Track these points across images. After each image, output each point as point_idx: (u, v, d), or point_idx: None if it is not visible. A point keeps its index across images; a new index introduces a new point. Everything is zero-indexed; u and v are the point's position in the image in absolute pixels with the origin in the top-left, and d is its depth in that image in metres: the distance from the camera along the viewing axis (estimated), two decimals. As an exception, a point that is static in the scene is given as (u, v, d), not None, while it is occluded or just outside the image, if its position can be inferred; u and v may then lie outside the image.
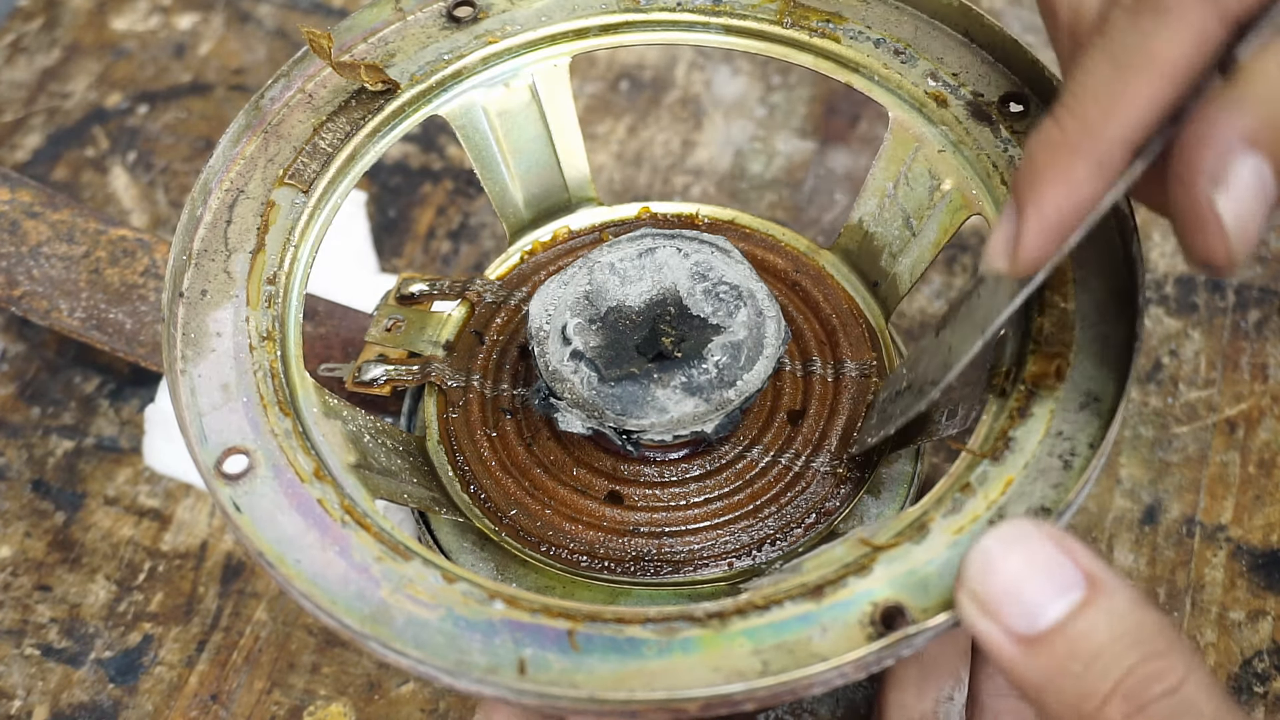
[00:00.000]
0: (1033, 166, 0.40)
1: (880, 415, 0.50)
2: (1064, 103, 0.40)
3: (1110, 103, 0.39)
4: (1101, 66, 0.39)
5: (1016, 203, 0.40)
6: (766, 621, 0.40)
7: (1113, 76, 0.39)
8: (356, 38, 0.55)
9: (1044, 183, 0.40)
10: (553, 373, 0.49)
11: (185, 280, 0.48)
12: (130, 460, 0.68)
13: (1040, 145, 0.40)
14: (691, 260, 0.51)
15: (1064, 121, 0.39)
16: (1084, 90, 0.39)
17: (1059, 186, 0.39)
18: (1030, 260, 0.40)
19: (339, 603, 0.40)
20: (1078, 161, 0.39)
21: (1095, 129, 0.39)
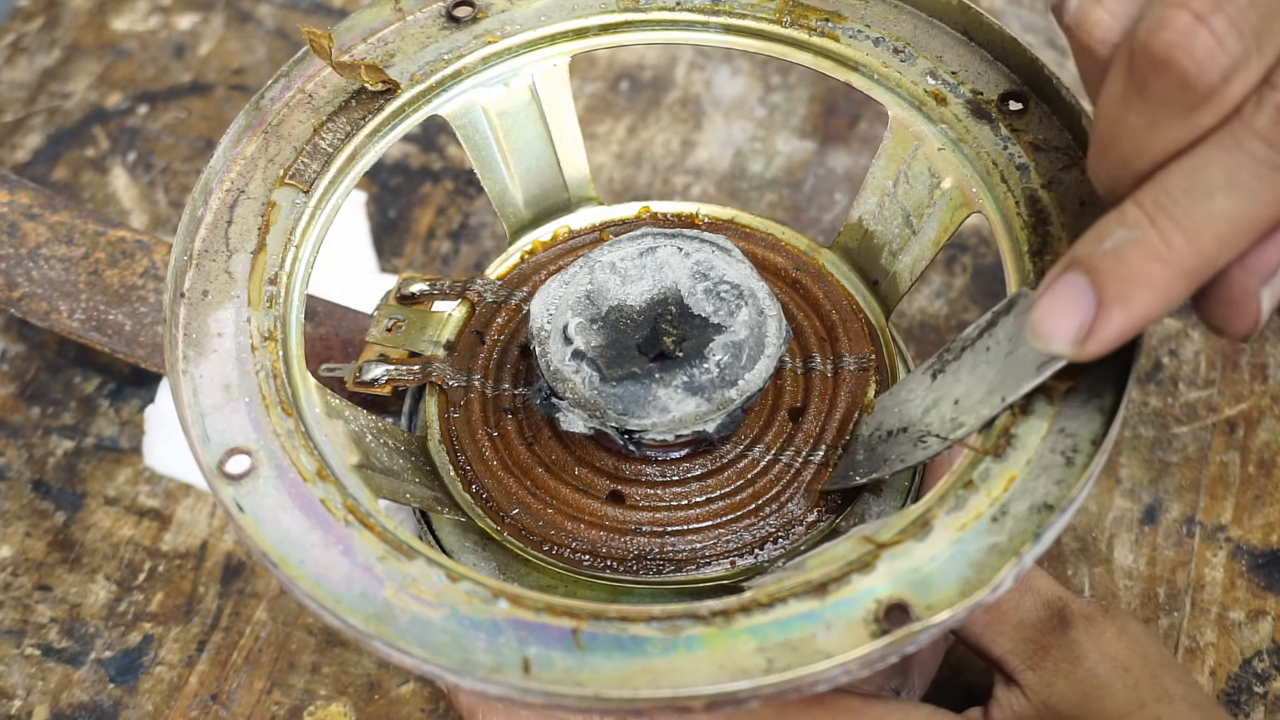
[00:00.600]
0: (1127, 269, 0.39)
1: (869, 455, 0.49)
2: (1167, 209, 0.38)
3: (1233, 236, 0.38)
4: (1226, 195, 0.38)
5: (1099, 295, 0.39)
6: (771, 619, 0.40)
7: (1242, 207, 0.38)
8: (356, 38, 0.55)
9: (1139, 288, 0.39)
10: (554, 372, 0.49)
11: (186, 281, 0.48)
12: (130, 460, 0.68)
13: (1139, 253, 0.38)
14: (692, 259, 0.51)
15: (1170, 237, 0.38)
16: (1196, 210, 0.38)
17: (1155, 295, 0.39)
18: (1098, 353, 0.40)
19: (343, 602, 0.40)
20: (1179, 281, 0.38)
21: (1209, 257, 0.38)
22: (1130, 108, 0.39)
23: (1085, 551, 0.64)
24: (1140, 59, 0.38)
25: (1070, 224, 0.48)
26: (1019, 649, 0.50)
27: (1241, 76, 0.37)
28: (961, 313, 0.72)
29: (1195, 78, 0.37)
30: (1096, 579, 0.63)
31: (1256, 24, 0.36)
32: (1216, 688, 0.60)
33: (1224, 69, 0.37)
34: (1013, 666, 0.50)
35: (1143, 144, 0.39)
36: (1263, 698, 0.59)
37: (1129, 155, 0.40)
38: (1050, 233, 0.48)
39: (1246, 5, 0.36)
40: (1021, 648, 0.50)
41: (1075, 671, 0.48)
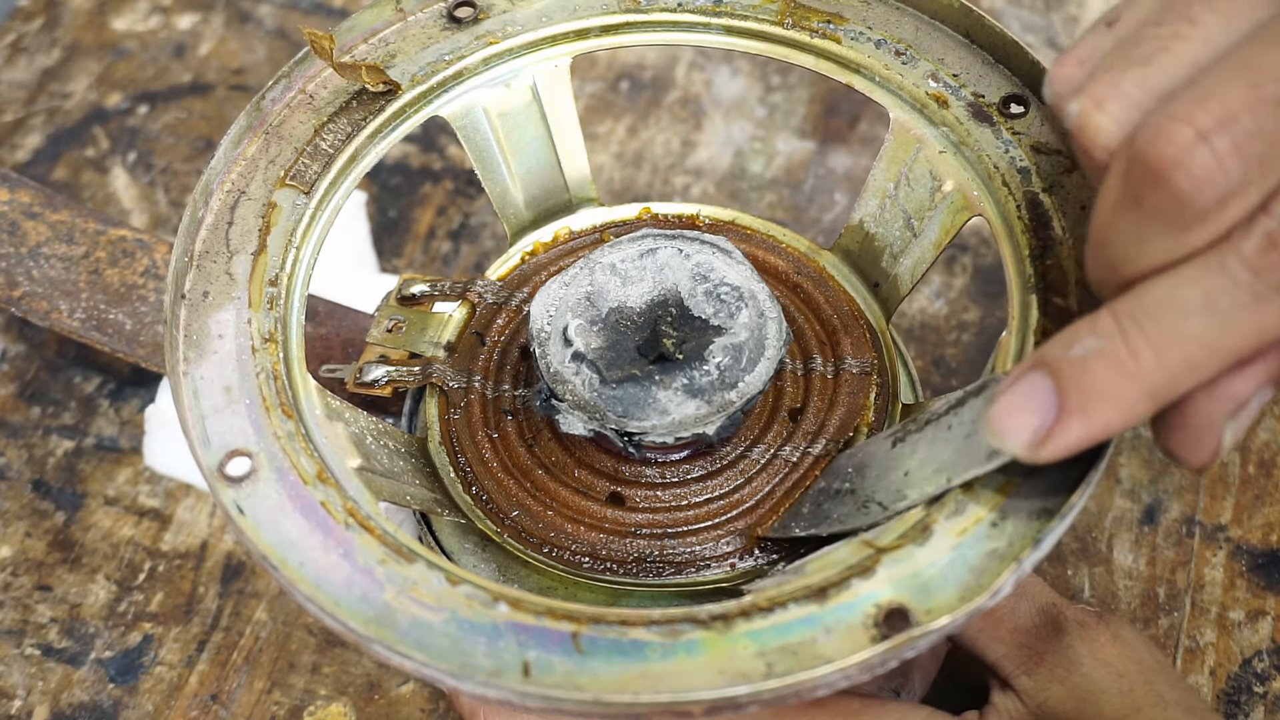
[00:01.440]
0: (1092, 380, 0.37)
1: (814, 509, 0.49)
2: (1140, 323, 0.37)
3: (1202, 362, 0.37)
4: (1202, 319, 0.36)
5: (1060, 401, 0.38)
6: (770, 623, 0.40)
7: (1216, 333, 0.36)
8: (357, 38, 0.55)
9: (1101, 401, 0.37)
10: (554, 374, 0.49)
11: (187, 282, 0.48)
12: (130, 460, 0.68)
13: (1106, 364, 0.37)
14: (693, 261, 0.51)
15: (1139, 353, 0.37)
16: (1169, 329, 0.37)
17: (1116, 411, 0.37)
18: (1052, 459, 0.39)
19: (343, 605, 0.40)
20: (1142, 399, 0.37)
21: (1175, 379, 0.37)
22: (1123, 215, 0.37)
23: (1085, 551, 0.64)
24: (1136, 169, 0.36)
25: (1071, 228, 0.48)
26: (1014, 654, 0.50)
27: (1238, 202, 0.35)
28: (961, 313, 0.72)
29: (1190, 198, 0.35)
30: (1096, 579, 0.63)
31: (1261, 150, 0.35)
32: (1216, 688, 0.60)
33: (1221, 192, 0.35)
34: (1008, 671, 0.50)
35: (1131, 253, 0.37)
36: (1263, 698, 0.59)
37: (1117, 261, 0.38)
38: (1051, 236, 0.48)
39: (1254, 128, 0.35)
40: (1017, 653, 0.50)
41: (1070, 677, 0.49)
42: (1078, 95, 0.39)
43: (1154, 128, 0.36)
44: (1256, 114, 0.35)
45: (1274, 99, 0.35)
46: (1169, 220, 0.36)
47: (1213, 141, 0.35)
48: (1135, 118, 0.37)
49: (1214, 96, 0.35)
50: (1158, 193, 0.36)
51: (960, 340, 0.71)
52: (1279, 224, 0.35)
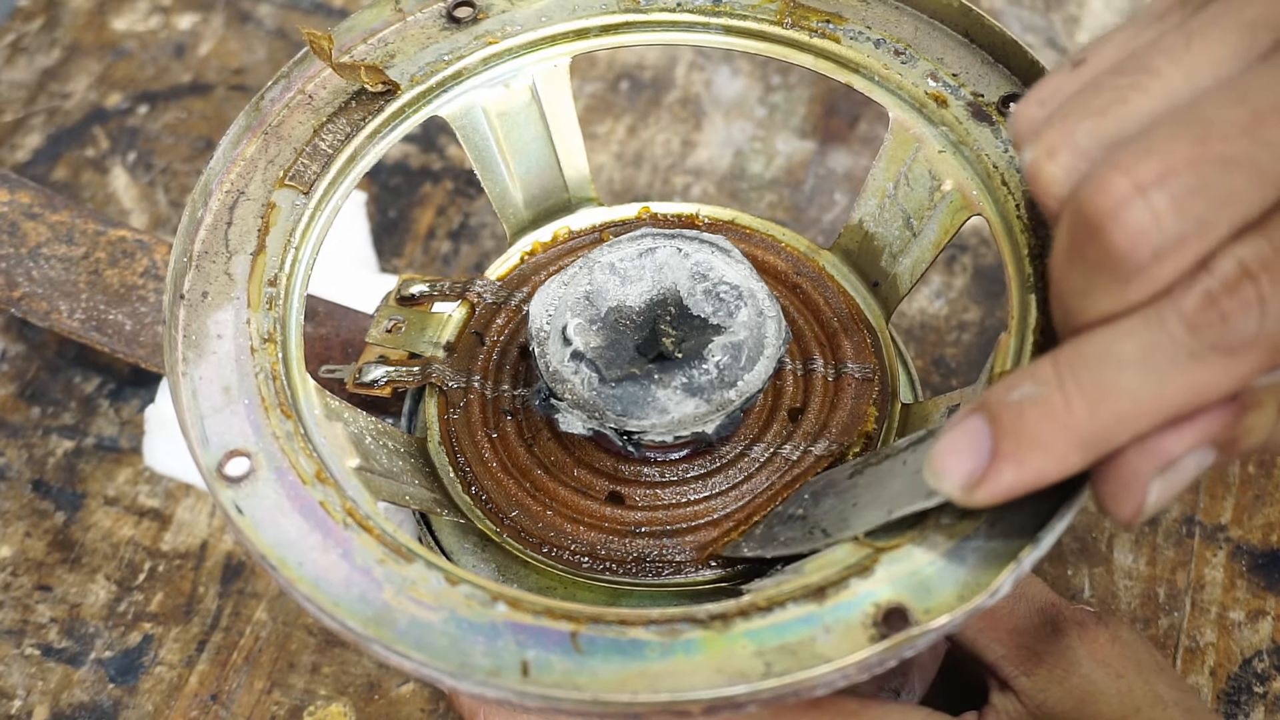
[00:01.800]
0: (1026, 427, 0.37)
1: (765, 531, 0.49)
2: (1077, 375, 0.36)
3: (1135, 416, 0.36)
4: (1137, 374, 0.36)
5: (995, 445, 0.38)
6: (769, 623, 0.40)
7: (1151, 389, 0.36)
8: (356, 38, 0.55)
9: (1033, 449, 0.37)
10: (553, 373, 0.49)
11: (186, 282, 0.48)
12: (130, 460, 0.68)
13: (1040, 413, 0.37)
14: (692, 260, 0.51)
15: (1073, 404, 0.36)
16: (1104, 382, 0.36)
17: (1048, 460, 0.37)
18: (987, 504, 0.38)
19: (342, 605, 0.40)
20: (1074, 450, 0.37)
21: (1107, 432, 0.36)
22: (1069, 266, 0.37)
23: (1085, 551, 0.64)
24: (1078, 221, 0.36)
25: None
26: (1013, 655, 0.50)
27: (1174, 259, 0.35)
28: (961, 313, 0.72)
29: (1125, 253, 0.35)
30: (1096, 579, 0.63)
31: (1200, 208, 0.34)
32: (1216, 688, 0.60)
33: (1156, 248, 0.34)
34: (1007, 672, 0.50)
35: (1076, 304, 0.37)
36: (1263, 698, 0.59)
37: (1065, 312, 0.38)
38: (1051, 235, 0.48)
39: (1195, 185, 0.34)
40: (1015, 654, 0.50)
41: (1069, 678, 0.48)
42: (1032, 141, 0.38)
43: (1094, 179, 0.35)
44: (1199, 171, 0.34)
45: (1218, 157, 0.34)
46: (1107, 273, 0.36)
47: (1150, 196, 0.34)
48: (1083, 168, 0.37)
49: (1157, 150, 0.35)
50: (1095, 246, 0.35)
51: (960, 340, 0.71)
52: (1219, 283, 0.34)
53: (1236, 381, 0.35)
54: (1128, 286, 0.35)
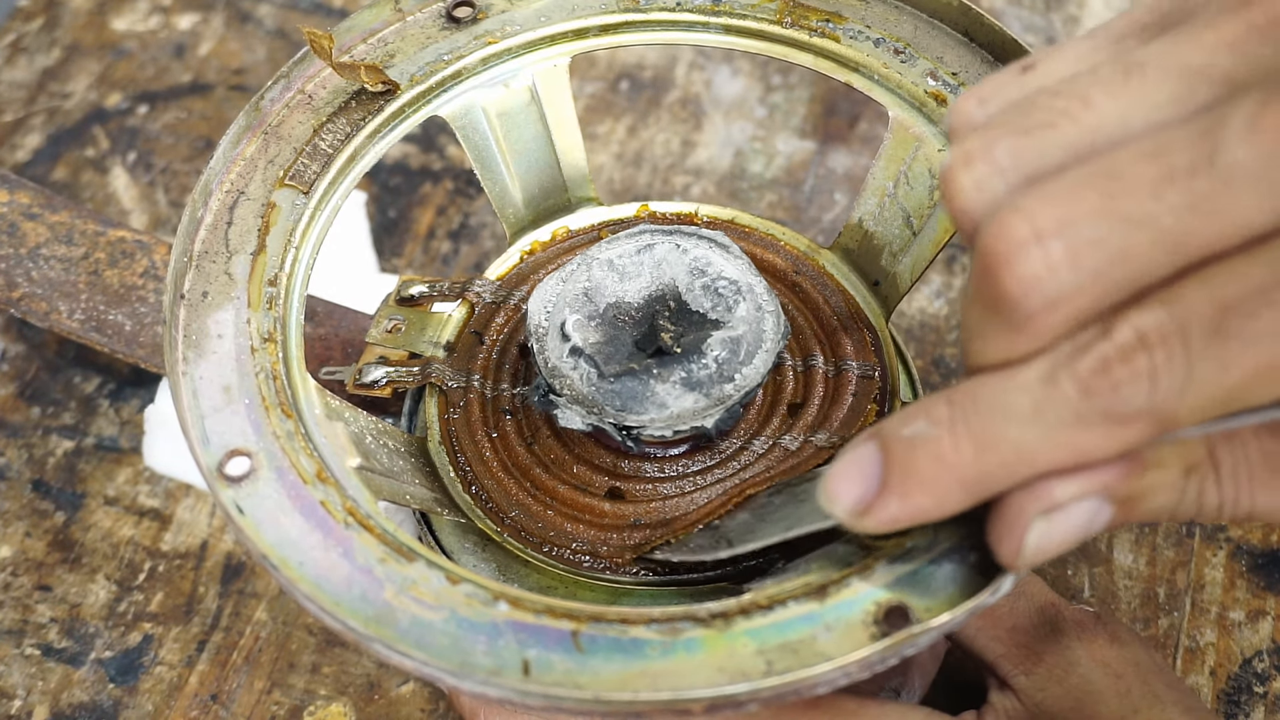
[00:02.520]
0: (913, 463, 0.37)
1: (684, 538, 0.49)
2: (968, 418, 0.36)
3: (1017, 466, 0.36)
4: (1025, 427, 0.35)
5: (884, 477, 0.38)
6: (770, 621, 0.40)
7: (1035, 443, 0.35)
8: (356, 38, 0.55)
9: (918, 486, 0.37)
10: (552, 369, 0.49)
11: (186, 282, 0.48)
12: (130, 460, 0.68)
13: (928, 451, 0.37)
14: (690, 256, 0.51)
15: (961, 446, 0.36)
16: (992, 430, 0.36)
17: (931, 498, 0.37)
18: (876, 531, 0.38)
19: (343, 605, 0.40)
20: (957, 490, 0.37)
21: (990, 478, 0.36)
22: (971, 304, 0.37)
23: (1085, 551, 0.64)
24: (978, 259, 0.35)
25: None
26: (1012, 654, 0.50)
27: (1064, 312, 0.34)
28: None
29: (1015, 299, 0.34)
30: (1096, 579, 0.63)
31: (1098, 263, 0.34)
32: (1216, 688, 0.60)
33: (1047, 298, 0.34)
34: (1006, 671, 0.50)
35: (975, 345, 0.37)
36: (1263, 698, 0.59)
37: (966, 350, 0.37)
38: None
39: (1095, 239, 0.34)
40: (1015, 653, 0.50)
41: (1068, 678, 0.49)
42: (955, 142, 0.37)
43: (997, 220, 0.35)
44: (1101, 225, 0.34)
45: (1124, 215, 0.34)
46: (1001, 317, 0.35)
47: (1047, 245, 0.34)
48: (996, 187, 0.36)
49: (1063, 198, 0.34)
50: (990, 287, 0.35)
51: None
52: (1115, 350, 0.34)
53: (1121, 448, 0.35)
54: (1018, 335, 0.35)
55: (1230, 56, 0.35)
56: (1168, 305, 0.34)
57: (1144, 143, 0.34)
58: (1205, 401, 0.34)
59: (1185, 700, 0.48)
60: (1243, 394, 0.33)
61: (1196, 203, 0.33)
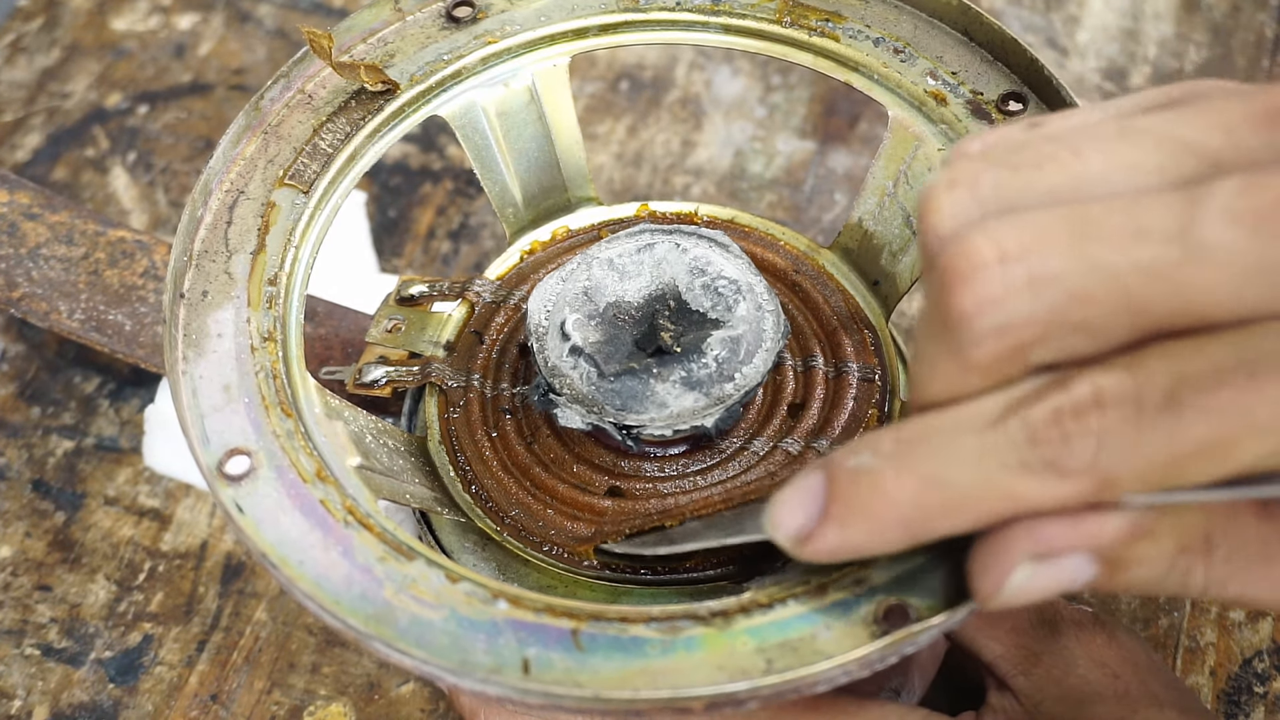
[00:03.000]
0: (855, 495, 0.37)
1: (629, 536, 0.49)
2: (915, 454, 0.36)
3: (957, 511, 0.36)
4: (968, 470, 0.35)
5: (826, 507, 0.37)
6: (770, 620, 0.40)
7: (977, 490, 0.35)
8: (356, 38, 0.55)
9: (858, 519, 0.37)
10: (552, 368, 0.49)
11: (186, 281, 0.48)
12: (130, 460, 0.68)
13: (871, 485, 0.36)
14: (690, 255, 0.51)
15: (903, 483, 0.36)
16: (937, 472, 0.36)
17: (869, 533, 0.37)
18: (815, 560, 0.38)
19: (342, 604, 0.40)
20: (896, 528, 0.37)
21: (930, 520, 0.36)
22: (923, 330, 0.37)
23: (1085, 551, 0.63)
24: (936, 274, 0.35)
25: None
26: (1011, 654, 0.50)
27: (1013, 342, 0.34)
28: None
29: (968, 316, 0.34)
30: (1096, 579, 0.63)
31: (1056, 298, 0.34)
32: (1216, 687, 0.60)
33: (999, 324, 0.34)
34: (1004, 671, 0.50)
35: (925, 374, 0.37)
36: (1263, 698, 0.59)
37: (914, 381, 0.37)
38: None
39: (1056, 274, 0.34)
40: (1013, 653, 0.50)
41: (1066, 678, 0.48)
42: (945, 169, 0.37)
43: (965, 238, 0.35)
44: (1066, 262, 0.34)
45: (1091, 259, 0.34)
46: (950, 342, 0.35)
47: (1009, 268, 0.34)
48: (971, 211, 0.36)
49: (1034, 228, 0.34)
50: (944, 306, 0.35)
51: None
52: (1070, 403, 0.34)
53: (1057, 502, 0.35)
54: (966, 364, 0.35)
55: (1222, 138, 0.35)
56: (1130, 370, 0.34)
57: (1124, 200, 0.34)
58: (1148, 469, 0.34)
59: (1184, 701, 0.48)
60: (1186, 468, 0.34)
61: (1163, 269, 0.33)
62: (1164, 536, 0.36)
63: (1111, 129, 0.36)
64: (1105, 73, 0.83)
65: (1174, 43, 0.84)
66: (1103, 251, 0.34)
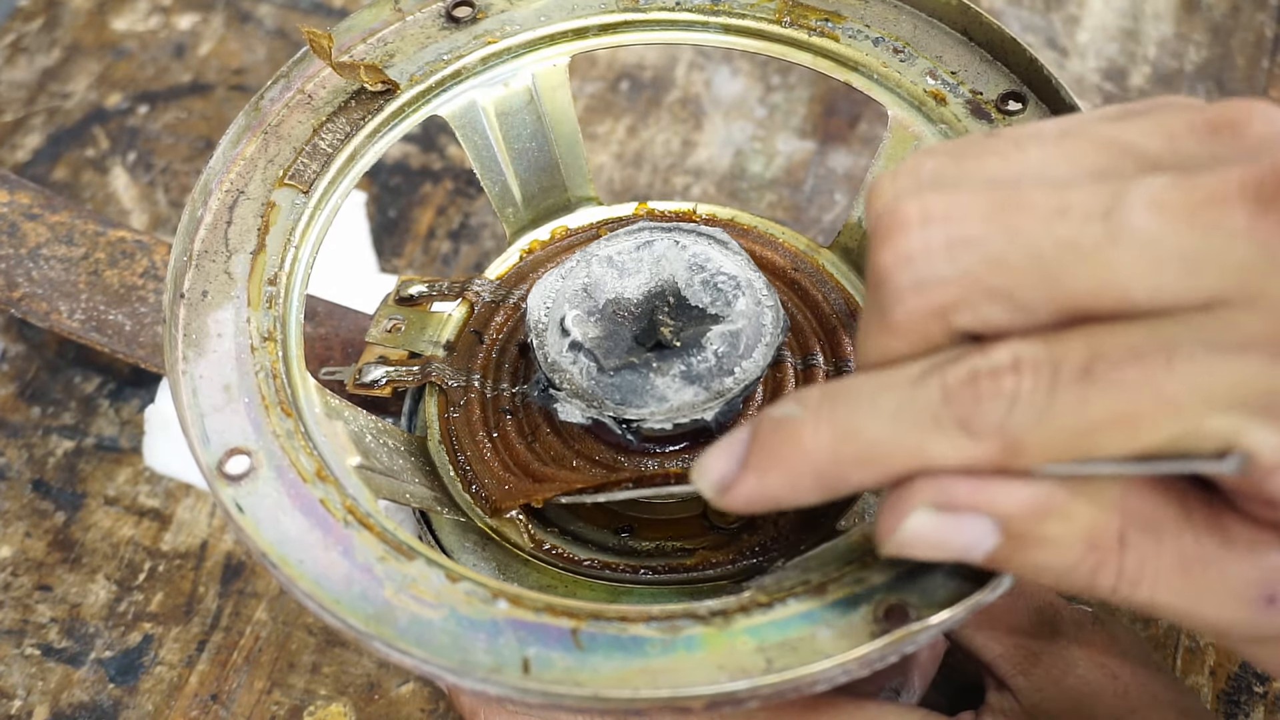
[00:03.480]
0: (774, 443, 0.37)
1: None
2: (835, 406, 0.37)
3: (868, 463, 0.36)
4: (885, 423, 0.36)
5: (746, 455, 0.38)
6: (770, 619, 0.40)
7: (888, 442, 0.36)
8: (356, 38, 0.55)
9: (774, 466, 0.37)
10: (551, 364, 0.49)
11: (186, 281, 0.48)
12: (130, 460, 0.68)
13: (790, 434, 0.37)
14: (689, 252, 0.51)
15: (820, 433, 0.36)
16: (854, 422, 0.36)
17: (784, 481, 0.37)
18: (732, 509, 0.39)
19: (342, 603, 0.40)
20: (809, 477, 0.37)
21: (843, 470, 0.36)
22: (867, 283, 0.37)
23: (1085, 551, 0.64)
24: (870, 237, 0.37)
25: None
26: (1010, 654, 0.50)
27: (930, 300, 0.35)
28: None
29: (888, 272, 0.35)
30: (1096, 578, 0.63)
31: (971, 261, 0.35)
32: (1217, 688, 0.60)
33: (916, 280, 0.35)
34: (1004, 671, 0.50)
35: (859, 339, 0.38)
36: (1262, 698, 0.59)
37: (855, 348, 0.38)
38: None
39: (974, 238, 0.35)
40: (1013, 653, 0.50)
41: (1066, 679, 0.48)
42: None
43: (895, 204, 0.36)
44: (987, 229, 0.35)
45: (1010, 227, 0.34)
46: (876, 298, 0.36)
47: (929, 228, 0.35)
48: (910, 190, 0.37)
49: (959, 194, 0.35)
50: (871, 264, 0.36)
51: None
52: (988, 367, 0.34)
53: (964, 462, 0.35)
54: (890, 323, 0.36)
55: (1162, 143, 0.36)
56: (1048, 342, 0.34)
57: (1054, 184, 0.35)
58: (1057, 436, 0.34)
59: (1183, 701, 0.48)
60: (1095, 439, 0.34)
61: (1082, 246, 0.34)
62: (1075, 524, 0.36)
63: (1056, 131, 0.37)
64: (1105, 73, 0.83)
65: (1174, 43, 0.84)
66: (1023, 222, 0.34)
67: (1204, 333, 0.33)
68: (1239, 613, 0.35)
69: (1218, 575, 0.35)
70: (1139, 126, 0.37)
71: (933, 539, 0.36)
